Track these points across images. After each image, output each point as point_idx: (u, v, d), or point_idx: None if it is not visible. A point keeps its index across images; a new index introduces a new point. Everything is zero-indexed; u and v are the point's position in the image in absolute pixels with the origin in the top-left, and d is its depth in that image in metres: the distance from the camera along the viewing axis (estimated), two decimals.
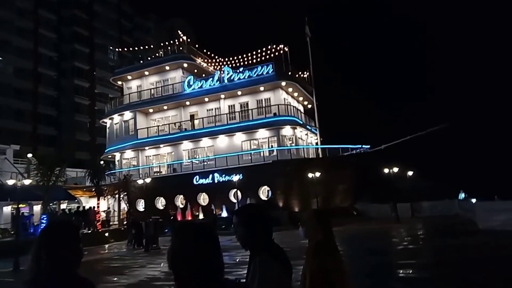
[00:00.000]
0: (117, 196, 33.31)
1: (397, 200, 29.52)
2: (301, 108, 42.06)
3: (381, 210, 32.81)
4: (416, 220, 27.00)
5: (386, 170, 32.85)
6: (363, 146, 35.27)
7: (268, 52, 38.33)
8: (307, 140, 39.68)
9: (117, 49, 56.18)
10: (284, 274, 2.11)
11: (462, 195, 31.61)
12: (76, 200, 37.03)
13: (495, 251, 11.25)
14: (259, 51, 39.06)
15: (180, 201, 34.73)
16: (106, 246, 26.33)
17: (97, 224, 29.98)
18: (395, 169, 33.46)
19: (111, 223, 35.34)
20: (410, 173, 35.87)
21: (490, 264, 9.48)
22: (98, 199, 31.51)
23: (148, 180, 26.64)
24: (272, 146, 34.57)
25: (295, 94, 40.05)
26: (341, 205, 34.19)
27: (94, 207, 31.41)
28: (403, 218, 27.37)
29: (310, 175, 29.37)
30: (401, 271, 9.95)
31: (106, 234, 29.20)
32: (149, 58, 42.57)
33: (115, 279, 12.15)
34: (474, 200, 25.64)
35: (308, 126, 39.46)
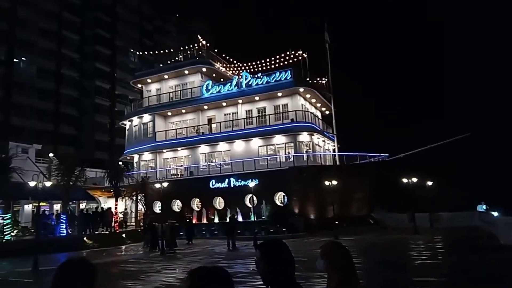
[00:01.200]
0: (134, 197, 33.75)
1: (416, 210, 28.98)
2: (318, 114, 41.85)
3: (399, 220, 32.29)
4: (435, 232, 26.44)
5: (404, 179, 32.33)
6: (381, 154, 34.83)
7: (287, 58, 38.31)
8: (324, 146, 39.42)
9: (137, 52, 57.07)
10: None
11: (482, 207, 30.82)
12: (94, 200, 37.66)
13: None
14: (277, 57, 39.07)
15: (196, 204, 34.96)
16: (123, 247, 26.71)
17: (115, 224, 30.41)
18: (414, 179, 32.90)
19: (128, 224, 35.80)
20: (429, 182, 35.21)
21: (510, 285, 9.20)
22: (116, 200, 31.97)
23: (165, 184, 26.90)
24: (288, 152, 34.47)
25: (313, 100, 39.87)
26: (357, 213, 33.82)
27: (111, 208, 31.88)
28: (421, 229, 26.84)
29: (326, 182, 29.09)
30: None
31: (123, 235, 29.62)
32: (168, 62, 43.10)
33: (130, 284, 12.27)
34: (495, 213, 24.99)
35: (325, 133, 39.22)
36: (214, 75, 41.12)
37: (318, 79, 40.91)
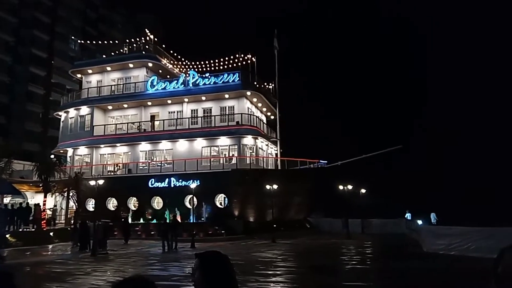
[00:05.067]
0: (66, 193, 31.83)
1: (349, 216, 30.40)
2: (264, 118, 42.39)
3: (333, 225, 33.66)
4: (366, 237, 27.88)
5: (340, 186, 33.78)
6: (321, 161, 36.07)
7: (236, 60, 38.46)
8: (268, 151, 40.01)
9: (79, 40, 53.97)
10: None
11: (408, 215, 33.07)
12: (21, 195, 34.94)
13: (438, 278, 11.81)
14: (226, 58, 39.10)
15: (133, 203, 33.79)
16: (50, 246, 25.07)
17: (42, 222, 28.46)
18: (349, 186, 34.50)
19: (57, 221, 33.70)
20: (363, 190, 37.09)
21: None
22: (45, 196, 29.92)
23: (101, 181, 25.63)
24: (232, 155, 34.53)
25: (259, 104, 40.33)
26: (295, 217, 34.72)
27: (39, 203, 29.78)
28: (353, 234, 28.19)
29: (267, 186, 29.56)
30: None
31: (51, 234, 27.81)
32: (112, 53, 41.27)
33: (56, 287, 11.54)
34: (419, 222, 26.91)
35: (269, 137, 39.81)
36: (160, 71, 40.09)
37: (265, 83, 41.51)
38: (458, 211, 29.62)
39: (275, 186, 29.44)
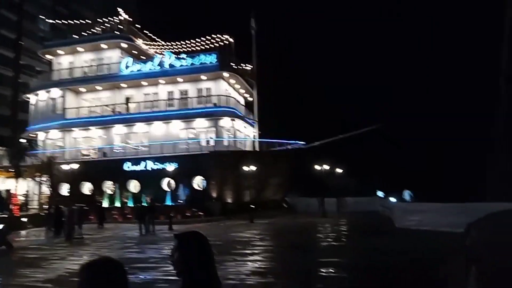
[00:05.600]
0: (38, 178, 31.08)
1: (325, 195, 30.98)
2: (241, 100, 42.18)
3: (310, 204, 34.21)
4: (341, 215, 28.53)
5: (317, 167, 34.30)
6: (298, 142, 36.39)
7: (212, 41, 37.83)
8: (245, 132, 39.99)
9: (49, 20, 51.74)
10: None
11: (380, 193, 33.98)
12: None
13: (409, 252, 12.25)
14: (203, 39, 38.40)
15: (108, 187, 33.32)
16: (23, 232, 24.56)
17: (14, 208, 27.76)
18: (326, 166, 35.07)
19: (30, 207, 32.96)
20: (339, 170, 37.81)
21: (404, 265, 10.30)
22: (17, 181, 29.14)
23: (75, 165, 25.15)
24: (210, 137, 34.36)
25: (237, 86, 40.05)
26: (273, 198, 35.13)
27: (11, 189, 29.00)
28: (329, 213, 28.78)
29: (245, 167, 29.69)
30: (323, 270, 10.46)
31: (24, 219, 27.18)
32: (84, 34, 39.80)
33: (31, 272, 11.36)
34: (392, 199, 27.67)
35: (247, 119, 39.75)
36: (134, 52, 39.06)
37: (243, 65, 41.12)
38: (432, 188, 30.61)
39: (252, 168, 29.62)
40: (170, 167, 28.33)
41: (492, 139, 21.73)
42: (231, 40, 37.70)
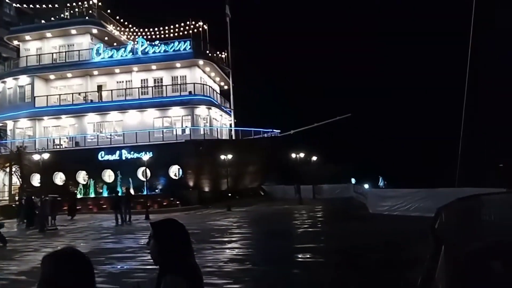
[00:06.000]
0: (8, 169, 30.08)
1: (301, 183, 31.49)
2: (217, 88, 41.89)
3: (287, 192, 34.73)
4: (317, 202, 29.10)
5: (293, 155, 34.72)
6: (274, 130, 36.64)
7: (186, 28, 37.24)
8: (221, 121, 39.86)
9: (15, 4, 49.39)
10: None
11: (353, 180, 34.88)
12: None
13: (382, 236, 12.69)
14: (176, 25, 37.72)
15: (82, 177, 32.65)
16: None
17: None
18: (301, 154, 35.55)
19: (0, 199, 31.93)
20: (314, 158, 38.38)
21: (378, 249, 10.68)
22: None
23: (46, 155, 24.41)
24: (185, 125, 34.06)
25: (212, 74, 39.70)
26: (250, 186, 35.40)
27: None
28: (305, 200, 29.30)
29: (222, 156, 29.69)
30: (299, 255, 10.71)
31: None
32: (52, 19, 38.29)
33: (3, 265, 11.10)
34: (366, 186, 28.46)
35: (223, 107, 39.58)
36: (106, 38, 37.97)
37: (218, 52, 40.76)
38: (404, 175, 31.60)
39: (229, 156, 29.66)
40: (146, 156, 27.95)
41: (460, 128, 22.52)
42: (205, 27, 37.21)
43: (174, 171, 31.95)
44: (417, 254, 8.33)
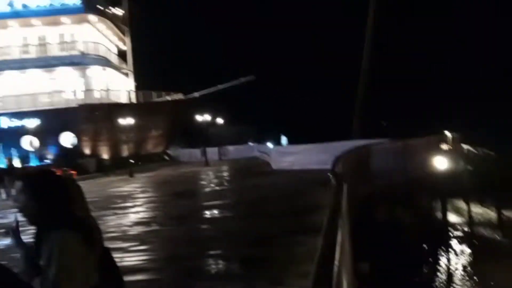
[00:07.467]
0: None
1: (207, 145, 31.45)
2: (113, 48, 38.68)
3: (193, 155, 34.48)
4: (223, 163, 29.46)
5: (198, 117, 34.31)
6: (178, 93, 35.65)
7: None
8: (120, 84, 37.25)
9: None
10: (90, 249, 1.70)
11: (251, 141, 36.03)
12: None
13: (284, 188, 13.38)
14: None
15: None
16: None
17: None
18: (207, 117, 35.32)
19: None
20: (219, 120, 38.48)
21: (280, 199, 11.21)
22: None
23: None
24: (77, 88, 31.14)
25: (107, 32, 36.40)
26: (154, 151, 34.33)
27: None
28: (212, 162, 29.44)
29: (121, 121, 28.02)
30: (207, 212, 10.76)
31: None
32: None
33: None
34: (269, 144, 29.53)
35: (120, 68, 36.93)
36: None
37: (113, 9, 37.27)
38: (305, 132, 33.29)
39: (130, 121, 28.12)
40: (31, 123, 25.07)
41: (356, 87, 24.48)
42: None
43: (67, 138, 29.34)
44: (316, 202, 8.96)
